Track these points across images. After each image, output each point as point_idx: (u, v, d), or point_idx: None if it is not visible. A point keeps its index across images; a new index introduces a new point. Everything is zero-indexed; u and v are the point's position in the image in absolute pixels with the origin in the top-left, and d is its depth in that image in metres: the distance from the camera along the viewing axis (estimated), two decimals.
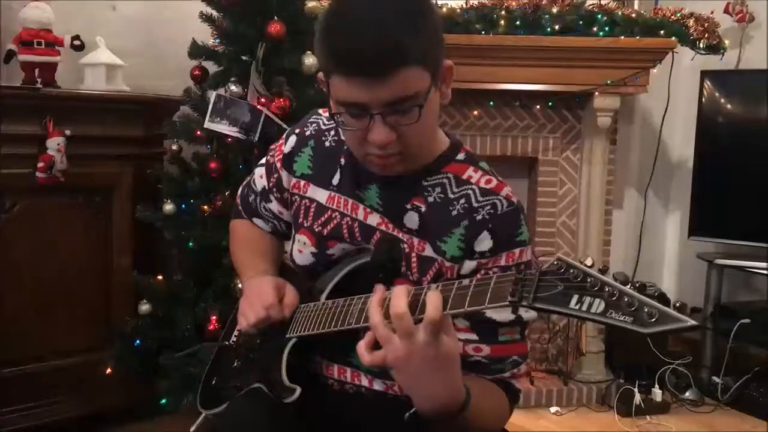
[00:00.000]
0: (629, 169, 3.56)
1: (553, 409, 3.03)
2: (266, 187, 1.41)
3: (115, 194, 2.63)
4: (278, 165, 1.37)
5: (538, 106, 3.18)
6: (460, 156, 1.25)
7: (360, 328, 1.09)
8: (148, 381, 2.47)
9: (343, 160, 1.28)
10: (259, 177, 1.43)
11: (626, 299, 0.79)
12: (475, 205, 1.18)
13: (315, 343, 1.25)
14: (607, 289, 0.81)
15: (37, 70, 2.48)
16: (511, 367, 1.19)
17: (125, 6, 2.98)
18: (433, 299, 0.93)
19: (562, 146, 3.25)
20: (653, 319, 0.77)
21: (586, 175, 3.23)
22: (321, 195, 1.30)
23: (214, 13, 2.51)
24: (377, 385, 1.26)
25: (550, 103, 3.16)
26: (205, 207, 2.45)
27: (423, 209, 1.20)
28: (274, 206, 1.41)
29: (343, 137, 1.27)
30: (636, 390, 2.98)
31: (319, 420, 1.28)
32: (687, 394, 3.13)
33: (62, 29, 2.57)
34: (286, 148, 1.35)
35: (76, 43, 2.55)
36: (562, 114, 3.23)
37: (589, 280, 0.83)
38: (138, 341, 2.51)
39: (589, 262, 2.98)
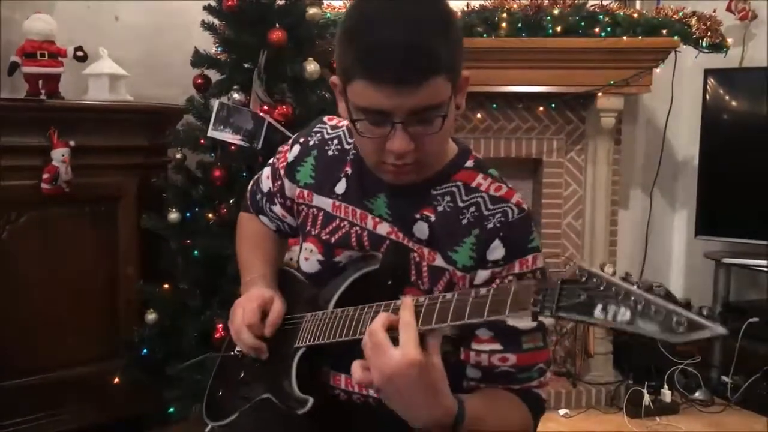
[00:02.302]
0: (634, 169, 3.55)
1: (562, 412, 3.02)
2: (271, 190, 1.41)
3: (120, 204, 2.64)
4: (281, 172, 1.37)
5: (541, 108, 3.18)
6: (469, 163, 1.23)
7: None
8: (156, 390, 2.47)
9: (348, 170, 1.27)
10: (266, 177, 1.43)
11: (653, 308, 0.77)
12: (486, 213, 1.16)
13: (323, 353, 1.24)
14: (632, 298, 0.79)
15: (40, 82, 2.48)
16: (538, 375, 1.18)
17: (127, 16, 3.00)
18: (405, 307, 0.97)
19: (566, 147, 3.24)
20: (681, 329, 0.75)
21: (591, 175, 3.23)
22: (326, 203, 1.29)
23: (216, 21, 2.51)
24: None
25: (553, 105, 3.16)
26: (210, 215, 2.45)
27: (432, 219, 1.19)
28: (278, 210, 1.41)
29: (349, 143, 1.27)
30: (645, 391, 2.98)
31: (328, 430, 1.27)
32: (696, 394, 3.12)
33: (65, 40, 2.58)
34: (290, 157, 1.35)
35: (79, 54, 2.56)
36: (566, 115, 3.22)
37: (612, 288, 0.80)
38: (145, 350, 2.52)
39: (609, 269, 2.97)
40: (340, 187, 1.27)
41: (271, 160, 1.43)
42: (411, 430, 1.09)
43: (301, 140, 1.36)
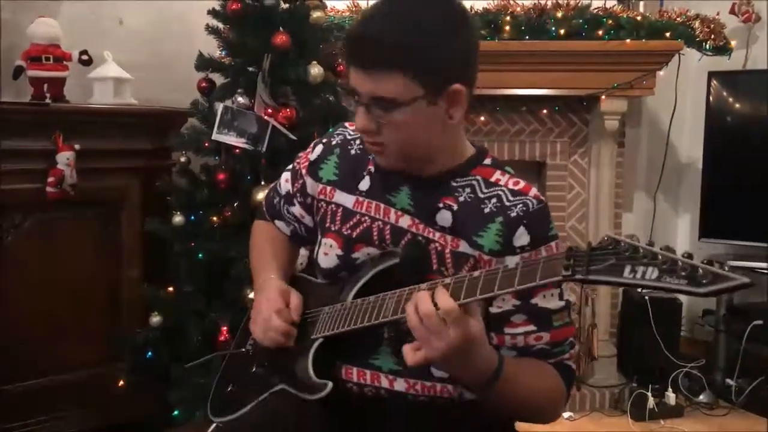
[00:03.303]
0: (638, 172, 3.55)
1: (566, 415, 3.02)
2: (290, 192, 1.46)
3: (125, 207, 2.64)
4: (303, 171, 1.42)
5: (545, 111, 3.18)
6: (487, 161, 1.31)
7: (397, 319, 1.14)
8: (161, 393, 2.47)
9: (372, 168, 1.33)
10: (285, 181, 1.49)
11: (680, 263, 0.82)
12: (507, 203, 1.23)
13: (336, 347, 1.28)
14: (659, 257, 0.83)
15: (45, 86, 2.49)
16: (569, 348, 1.27)
17: (132, 20, 3.01)
18: (440, 294, 1.03)
19: (569, 150, 3.24)
20: (706, 280, 0.79)
21: (595, 178, 3.23)
22: (347, 200, 1.34)
23: (220, 25, 2.52)
24: (398, 386, 1.27)
25: (556, 108, 3.16)
26: (214, 218, 2.46)
27: (455, 207, 1.25)
28: (297, 210, 1.46)
29: None
30: (649, 394, 2.97)
31: (341, 423, 1.29)
32: (701, 397, 3.11)
33: (70, 44, 2.58)
34: (312, 156, 1.41)
35: (84, 57, 2.57)
36: (569, 118, 3.22)
37: (640, 251, 0.85)
38: (150, 353, 2.52)
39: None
40: (364, 185, 1.34)
41: (289, 166, 1.50)
42: (421, 421, 1.22)
43: (324, 140, 1.43)
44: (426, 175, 1.27)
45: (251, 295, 2.29)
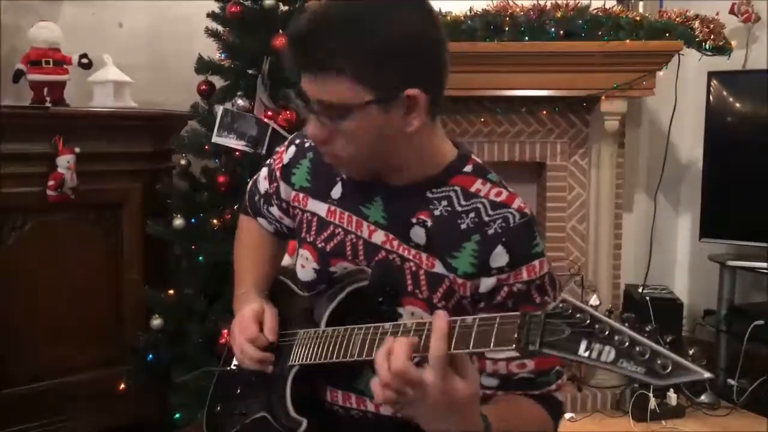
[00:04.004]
0: (638, 172, 3.54)
1: (567, 416, 3.02)
2: (268, 191, 1.40)
3: (125, 210, 2.65)
4: (277, 174, 1.36)
5: (544, 112, 3.18)
6: (467, 168, 1.20)
7: (361, 361, 1.07)
8: (162, 396, 2.47)
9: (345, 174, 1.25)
10: (263, 178, 1.42)
11: (638, 348, 0.76)
12: (486, 219, 1.13)
13: (318, 369, 1.23)
14: (617, 337, 0.78)
15: (46, 89, 2.50)
16: (556, 378, 1.17)
17: (132, 23, 3.01)
18: (435, 339, 0.92)
19: (569, 151, 3.24)
20: (666, 371, 0.75)
21: (595, 179, 3.23)
22: (320, 208, 1.28)
23: (220, 28, 2.53)
24: (384, 410, 1.22)
25: (556, 109, 3.16)
26: (215, 221, 2.46)
27: (429, 224, 1.16)
28: (275, 211, 1.41)
29: None
30: (650, 394, 2.96)
31: None
32: (702, 397, 3.11)
33: (70, 48, 2.59)
34: (286, 158, 1.35)
35: (84, 61, 2.57)
36: (569, 119, 3.22)
37: (596, 325, 0.80)
38: (150, 356, 2.52)
39: (594, 301, 2.96)
40: (336, 191, 1.26)
41: (268, 161, 1.43)
42: None
43: (297, 141, 1.35)
44: (401, 184, 1.18)
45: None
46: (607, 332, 0.79)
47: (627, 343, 0.77)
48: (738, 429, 2.92)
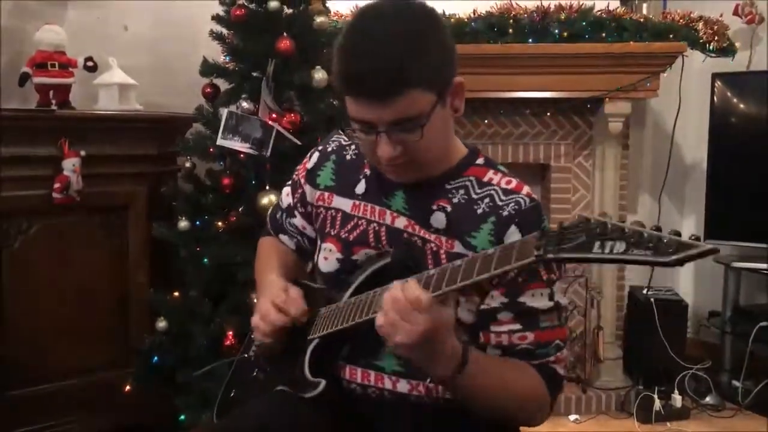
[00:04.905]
0: (642, 174, 3.55)
1: (572, 417, 3.02)
2: (291, 204, 1.49)
3: (131, 212, 2.66)
4: (302, 180, 1.45)
5: (548, 113, 3.18)
6: (479, 161, 1.32)
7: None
8: (167, 398, 2.48)
9: (367, 171, 1.35)
10: (286, 195, 1.52)
11: (645, 236, 0.84)
12: (500, 203, 1.24)
13: (338, 346, 1.30)
14: (627, 231, 0.86)
15: (51, 92, 2.51)
16: (555, 351, 1.24)
17: (136, 26, 3.02)
18: (409, 285, 1.06)
19: (574, 152, 3.24)
20: (671, 249, 0.81)
21: (599, 180, 3.23)
22: (345, 204, 1.36)
23: (224, 31, 2.53)
24: (401, 387, 1.27)
25: (560, 110, 3.16)
26: (220, 223, 2.46)
27: (449, 209, 1.26)
28: (298, 221, 1.48)
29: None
30: (655, 396, 2.97)
31: (340, 423, 1.30)
32: (707, 399, 3.10)
33: (75, 51, 2.60)
34: (310, 164, 1.44)
35: (89, 64, 2.59)
36: (573, 120, 3.22)
37: (608, 226, 0.88)
38: (156, 358, 2.52)
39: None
40: (360, 188, 1.35)
41: (289, 181, 1.52)
42: (424, 423, 1.24)
43: (320, 148, 1.45)
44: (421, 179, 1.27)
45: (256, 300, 2.29)
46: (617, 231, 0.87)
47: (636, 236, 0.85)
48: (743, 430, 2.92)
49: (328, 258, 1.35)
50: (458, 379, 1.11)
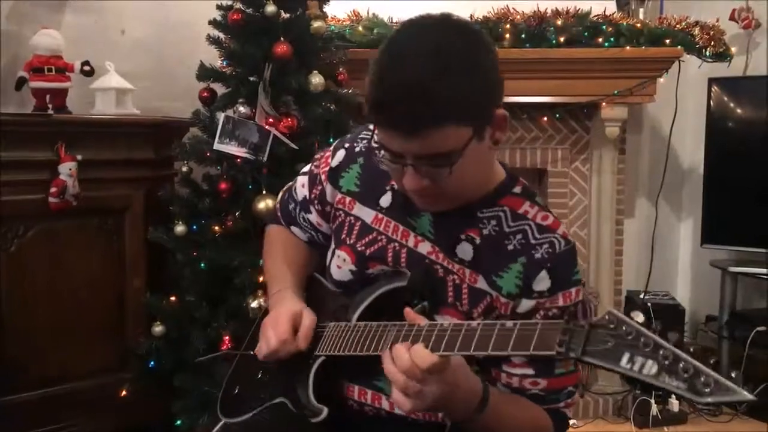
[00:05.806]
0: (639, 178, 3.55)
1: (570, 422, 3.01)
2: (307, 198, 1.40)
3: (127, 216, 2.65)
4: (323, 177, 1.36)
5: (545, 118, 3.18)
6: (517, 189, 1.24)
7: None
8: (164, 402, 2.47)
9: (395, 183, 1.24)
10: (301, 186, 1.42)
11: (681, 364, 0.77)
12: (533, 242, 1.16)
13: (340, 363, 1.24)
14: (661, 351, 0.78)
15: (48, 96, 2.50)
16: (566, 398, 1.21)
17: (134, 31, 3.02)
18: (418, 351, 1.00)
19: (571, 157, 3.24)
20: (708, 389, 0.75)
21: (596, 185, 3.23)
22: (367, 215, 1.29)
23: (221, 35, 2.53)
24: (398, 410, 1.23)
25: (557, 115, 3.16)
26: (216, 227, 2.46)
27: (478, 241, 1.19)
28: (314, 218, 1.41)
29: None
30: (652, 401, 2.96)
31: None
32: None
33: (72, 55, 2.60)
34: (334, 162, 1.35)
35: (86, 68, 2.58)
36: (570, 125, 3.22)
37: (642, 339, 0.80)
38: (152, 363, 2.52)
39: (640, 318, 2.96)
40: (385, 200, 1.28)
41: (305, 168, 1.43)
42: None
43: (346, 146, 1.35)
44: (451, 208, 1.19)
45: (253, 304, 2.30)
46: (650, 347, 0.79)
47: (670, 359, 0.77)
48: None
49: (341, 267, 1.29)
50: (476, 421, 1.09)
